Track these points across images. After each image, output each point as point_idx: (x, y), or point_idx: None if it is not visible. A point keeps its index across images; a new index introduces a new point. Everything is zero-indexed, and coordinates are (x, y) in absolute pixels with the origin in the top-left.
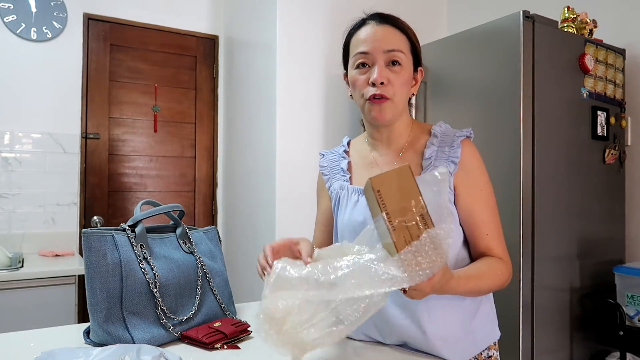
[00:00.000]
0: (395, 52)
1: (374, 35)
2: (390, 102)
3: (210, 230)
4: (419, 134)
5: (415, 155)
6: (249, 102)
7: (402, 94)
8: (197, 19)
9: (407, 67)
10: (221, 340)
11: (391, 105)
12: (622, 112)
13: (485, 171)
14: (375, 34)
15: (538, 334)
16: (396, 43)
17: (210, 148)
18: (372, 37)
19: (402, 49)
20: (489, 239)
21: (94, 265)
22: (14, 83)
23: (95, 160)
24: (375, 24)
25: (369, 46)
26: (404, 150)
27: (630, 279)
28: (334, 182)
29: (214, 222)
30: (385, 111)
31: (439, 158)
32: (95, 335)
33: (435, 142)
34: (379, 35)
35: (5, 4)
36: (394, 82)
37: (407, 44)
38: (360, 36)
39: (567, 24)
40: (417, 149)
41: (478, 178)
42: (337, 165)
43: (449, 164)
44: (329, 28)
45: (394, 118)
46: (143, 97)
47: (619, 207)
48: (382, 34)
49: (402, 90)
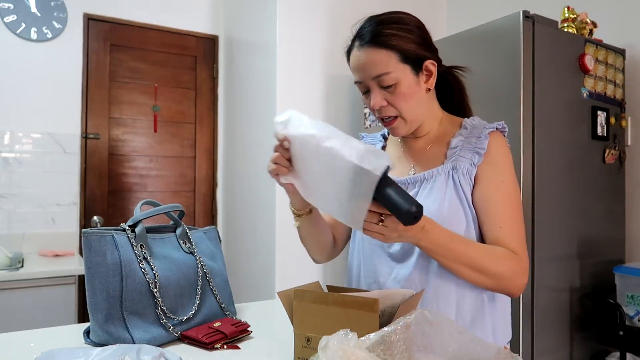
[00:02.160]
0: (381, 77)
1: (359, 62)
2: (399, 120)
3: (210, 230)
4: (449, 127)
5: (442, 146)
6: (249, 102)
7: (408, 107)
8: (197, 19)
9: (403, 79)
10: (221, 340)
11: (401, 122)
12: (622, 112)
13: (511, 165)
14: (359, 61)
15: (538, 333)
16: (380, 66)
17: (210, 148)
18: (358, 66)
19: (387, 70)
20: (502, 231)
21: (94, 265)
22: (14, 83)
23: (95, 160)
24: (358, 48)
25: (359, 76)
26: (433, 142)
27: (630, 279)
28: None
29: (214, 222)
30: (397, 129)
31: (465, 148)
32: (95, 335)
33: (464, 133)
34: (362, 61)
35: (5, 4)
36: (393, 101)
37: (393, 58)
38: (351, 63)
39: (567, 24)
40: (445, 141)
41: (501, 169)
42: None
43: (474, 154)
44: (329, 28)
45: (411, 129)
46: (143, 97)
47: (619, 207)
48: (365, 60)
49: (405, 104)
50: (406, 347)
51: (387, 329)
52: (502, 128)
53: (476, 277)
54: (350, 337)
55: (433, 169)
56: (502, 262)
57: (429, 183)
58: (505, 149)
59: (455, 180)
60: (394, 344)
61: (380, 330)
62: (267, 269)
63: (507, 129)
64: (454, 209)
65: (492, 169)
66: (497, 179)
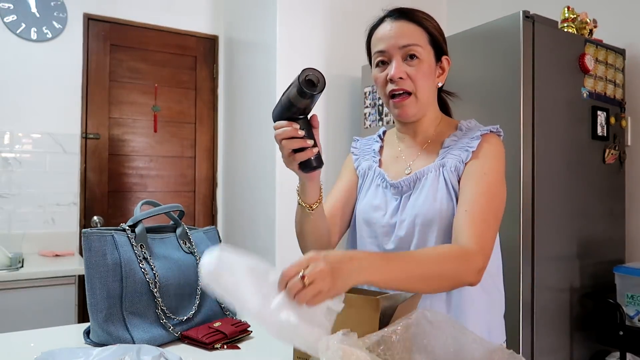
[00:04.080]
0: (410, 46)
1: (390, 33)
2: (412, 97)
3: (210, 230)
4: (445, 128)
5: (437, 146)
6: (249, 102)
7: (425, 87)
8: (197, 19)
9: (427, 59)
10: (221, 340)
11: (413, 100)
12: (622, 112)
13: (500, 164)
14: (389, 31)
15: (538, 333)
16: (412, 37)
17: (210, 148)
18: (387, 35)
19: (418, 43)
20: (467, 216)
21: (94, 265)
22: (14, 83)
23: (95, 161)
24: (391, 21)
25: (385, 44)
26: (428, 142)
27: (630, 279)
28: (363, 162)
29: (214, 222)
30: (408, 107)
31: (456, 147)
32: (95, 335)
33: (458, 134)
34: (394, 31)
35: (5, 4)
36: (413, 76)
37: (424, 36)
38: (377, 35)
39: (567, 24)
40: (440, 141)
41: (487, 163)
42: (369, 147)
43: (462, 152)
44: (329, 28)
45: (419, 113)
46: (143, 97)
47: (619, 207)
48: (397, 30)
49: (423, 83)
50: (406, 348)
51: (387, 330)
52: (497, 131)
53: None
54: (350, 337)
55: (424, 167)
56: (451, 259)
57: (421, 182)
58: (496, 149)
59: (446, 176)
60: (394, 345)
61: (381, 331)
62: None
63: (502, 133)
64: (446, 204)
65: (476, 164)
66: (479, 172)
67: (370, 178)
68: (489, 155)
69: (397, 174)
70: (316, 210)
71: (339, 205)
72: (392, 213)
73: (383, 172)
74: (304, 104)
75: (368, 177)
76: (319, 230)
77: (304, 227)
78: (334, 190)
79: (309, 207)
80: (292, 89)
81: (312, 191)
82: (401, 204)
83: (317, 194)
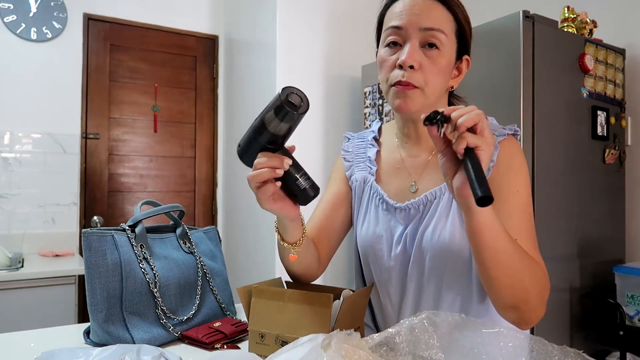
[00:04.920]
0: (433, 31)
1: (412, 9)
2: (419, 91)
3: (210, 230)
4: None
5: None
6: (249, 102)
7: (436, 84)
8: (197, 19)
9: (448, 52)
10: (221, 340)
11: (420, 95)
12: (622, 112)
13: (526, 172)
14: (413, 7)
15: (538, 333)
16: (437, 21)
17: (210, 148)
18: (408, 10)
19: (443, 29)
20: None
21: (94, 265)
22: (14, 83)
23: (95, 160)
24: None
25: (403, 20)
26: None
27: (630, 279)
28: (357, 172)
29: (214, 222)
30: (410, 100)
31: None
32: (95, 335)
33: None
34: (418, 8)
35: (5, 4)
36: (427, 68)
37: (451, 23)
38: (396, 9)
39: (567, 24)
40: None
41: (515, 178)
42: (364, 153)
43: None
44: (329, 28)
45: (422, 110)
46: (143, 97)
47: (619, 207)
48: (421, 7)
49: (436, 80)
50: (409, 350)
51: (391, 330)
52: (516, 132)
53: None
54: (353, 336)
55: (436, 188)
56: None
57: (432, 205)
58: (519, 157)
59: None
60: (397, 346)
61: (384, 331)
62: (267, 269)
63: (519, 132)
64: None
65: (504, 180)
66: (511, 190)
67: (367, 195)
68: (516, 168)
69: (400, 192)
70: (301, 245)
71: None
72: (397, 242)
73: (382, 192)
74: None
75: (365, 194)
76: (306, 261)
77: (292, 267)
78: (320, 203)
79: (292, 246)
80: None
81: (295, 229)
82: (408, 234)
83: (300, 230)
